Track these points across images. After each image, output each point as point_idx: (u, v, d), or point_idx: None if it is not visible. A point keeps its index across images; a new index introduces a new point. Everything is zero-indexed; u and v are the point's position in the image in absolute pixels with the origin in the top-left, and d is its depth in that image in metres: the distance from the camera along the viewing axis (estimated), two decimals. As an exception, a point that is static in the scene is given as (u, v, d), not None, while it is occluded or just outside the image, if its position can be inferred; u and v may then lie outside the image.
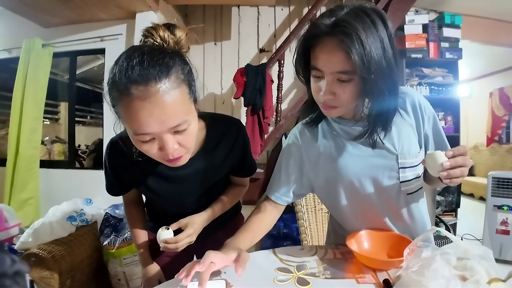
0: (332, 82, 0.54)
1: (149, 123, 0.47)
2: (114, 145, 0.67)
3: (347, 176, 0.64)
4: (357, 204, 0.67)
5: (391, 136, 0.62)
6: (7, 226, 1.75)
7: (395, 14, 2.26)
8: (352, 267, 0.61)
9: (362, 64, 0.49)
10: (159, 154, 0.52)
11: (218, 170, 0.72)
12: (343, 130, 0.65)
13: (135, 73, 0.46)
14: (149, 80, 0.46)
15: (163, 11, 2.03)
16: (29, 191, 1.99)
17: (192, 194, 0.71)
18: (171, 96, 0.47)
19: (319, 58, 0.53)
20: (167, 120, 0.48)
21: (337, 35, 0.50)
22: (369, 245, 0.67)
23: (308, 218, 1.15)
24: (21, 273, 0.28)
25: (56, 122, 2.67)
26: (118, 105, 0.49)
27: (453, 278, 0.45)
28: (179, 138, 0.52)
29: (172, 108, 0.48)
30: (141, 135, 0.49)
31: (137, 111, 0.46)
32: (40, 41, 2.02)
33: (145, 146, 0.51)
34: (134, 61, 0.47)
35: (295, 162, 0.70)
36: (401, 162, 0.62)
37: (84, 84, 2.51)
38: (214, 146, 0.68)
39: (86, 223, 1.75)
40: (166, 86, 0.47)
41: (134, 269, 1.68)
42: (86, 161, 2.42)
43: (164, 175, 0.67)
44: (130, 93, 0.46)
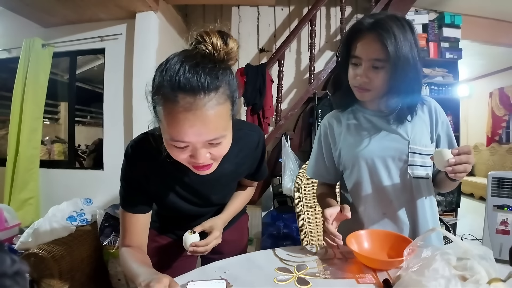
0: (368, 68, 0.67)
1: (188, 134, 0.47)
2: (135, 147, 0.63)
3: (363, 155, 0.74)
4: (370, 183, 0.75)
5: (405, 126, 0.73)
6: (7, 226, 1.75)
7: (395, 14, 2.26)
8: (352, 267, 0.61)
9: (394, 53, 0.63)
10: (189, 160, 0.53)
11: (238, 175, 0.74)
12: (366, 117, 0.77)
13: (185, 82, 0.46)
14: (199, 92, 0.46)
15: (163, 11, 2.04)
16: (29, 191, 1.99)
17: (209, 197, 0.72)
18: (215, 112, 0.48)
19: (359, 48, 0.67)
20: (206, 134, 0.48)
21: (376, 30, 0.64)
22: (369, 245, 0.67)
23: (308, 218, 1.15)
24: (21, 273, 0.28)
25: (56, 122, 2.67)
26: (160, 108, 0.49)
27: (453, 278, 0.45)
28: (212, 150, 0.52)
29: (213, 123, 0.48)
30: (177, 142, 0.49)
31: (179, 120, 0.46)
32: (40, 41, 2.02)
33: (177, 151, 0.51)
34: (186, 67, 0.47)
35: (325, 143, 0.82)
36: (411, 147, 0.72)
37: (84, 84, 2.51)
38: (236, 152, 0.67)
39: (86, 223, 1.75)
40: (213, 101, 0.47)
41: (134, 269, 1.68)
42: (86, 161, 2.42)
43: (187, 179, 0.66)
44: (176, 101, 0.46)
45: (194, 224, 0.72)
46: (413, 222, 0.74)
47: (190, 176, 0.65)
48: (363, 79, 0.68)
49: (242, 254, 0.68)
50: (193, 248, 0.63)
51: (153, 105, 0.51)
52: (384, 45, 0.63)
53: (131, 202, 0.64)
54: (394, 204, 0.74)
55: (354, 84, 0.71)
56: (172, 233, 0.79)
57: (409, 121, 0.72)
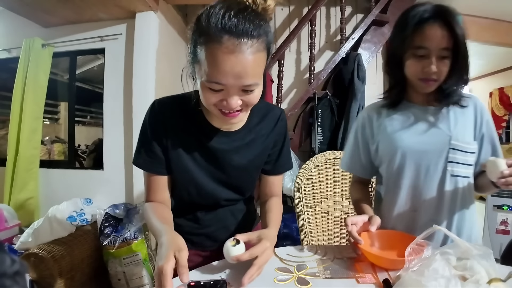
0: (437, 58, 0.65)
1: (227, 75, 0.49)
2: (163, 104, 0.65)
3: (401, 148, 0.72)
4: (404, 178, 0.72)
5: (448, 120, 0.71)
6: (7, 226, 1.75)
7: (395, 14, 2.26)
8: (352, 267, 0.62)
9: (461, 41, 0.63)
10: (220, 105, 0.54)
11: (258, 151, 0.68)
12: (408, 110, 0.74)
13: (231, 24, 0.47)
14: (243, 35, 0.48)
15: (163, 11, 2.03)
16: (29, 191, 1.99)
17: (227, 170, 0.67)
18: (255, 57, 0.49)
19: (426, 38, 0.64)
20: (244, 77, 0.50)
21: (442, 18, 0.63)
22: (378, 245, 0.67)
23: (308, 218, 1.15)
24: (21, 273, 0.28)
25: (56, 122, 2.67)
26: (202, 48, 0.50)
27: (453, 278, 0.45)
28: (244, 97, 0.53)
29: (252, 68, 0.50)
30: (214, 83, 0.50)
31: (221, 60, 0.48)
32: (40, 41, 2.01)
33: (210, 94, 0.52)
34: (232, 12, 0.48)
35: (362, 136, 0.80)
36: (452, 143, 0.69)
37: (84, 84, 2.50)
38: (256, 123, 0.68)
39: (86, 223, 1.75)
40: (254, 47, 0.49)
41: (134, 269, 1.68)
42: (86, 161, 2.41)
43: (208, 144, 0.64)
44: (221, 41, 0.47)
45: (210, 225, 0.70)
46: (447, 223, 0.71)
47: (212, 141, 0.64)
48: (432, 70, 0.65)
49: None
50: (235, 262, 0.53)
51: (194, 44, 0.52)
52: (450, 34, 0.62)
53: (148, 162, 0.64)
54: (427, 202, 0.71)
55: (420, 76, 0.67)
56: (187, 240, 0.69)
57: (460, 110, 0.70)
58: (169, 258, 0.46)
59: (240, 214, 0.75)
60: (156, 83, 1.96)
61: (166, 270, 0.45)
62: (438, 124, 0.71)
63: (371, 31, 2.26)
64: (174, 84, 2.35)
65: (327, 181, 1.17)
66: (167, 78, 2.19)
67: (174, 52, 2.32)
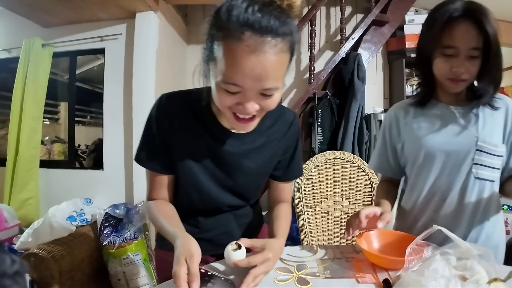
0: (466, 57, 0.63)
1: (246, 77, 0.44)
2: (171, 99, 0.60)
3: (426, 147, 0.70)
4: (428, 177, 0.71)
5: (477, 121, 0.68)
6: (7, 226, 1.75)
7: (395, 14, 2.26)
8: (352, 267, 0.62)
9: (492, 40, 0.60)
10: (235, 108, 0.49)
11: (268, 156, 0.65)
12: (436, 110, 0.73)
13: (255, 19, 0.42)
14: (266, 34, 0.43)
15: (163, 11, 2.03)
16: (29, 191, 1.99)
17: (234, 175, 0.64)
18: (278, 58, 0.45)
19: (455, 37, 0.62)
20: (264, 80, 0.45)
21: (473, 16, 0.60)
22: (379, 245, 0.67)
23: (308, 218, 1.15)
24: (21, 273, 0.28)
25: (56, 122, 2.66)
26: (220, 44, 0.44)
27: (453, 278, 0.45)
28: (262, 102, 0.48)
29: (274, 71, 0.45)
30: (230, 85, 0.45)
31: (240, 59, 0.43)
32: (40, 41, 2.01)
33: (225, 96, 0.47)
34: (256, 5, 0.43)
35: (390, 135, 0.79)
36: (479, 145, 0.67)
37: (84, 84, 2.50)
38: (268, 127, 0.64)
39: (86, 223, 1.75)
40: (278, 47, 0.44)
41: (134, 269, 1.68)
42: (86, 161, 2.41)
43: (216, 146, 0.61)
44: (241, 38, 0.42)
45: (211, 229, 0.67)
46: (468, 226, 0.69)
47: (221, 143, 0.60)
48: (460, 70, 0.63)
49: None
50: (234, 266, 0.51)
51: (210, 40, 0.47)
52: (481, 33, 0.60)
53: (150, 160, 0.62)
54: (448, 203, 0.70)
55: (448, 76, 0.65)
56: None
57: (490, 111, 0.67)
58: (181, 263, 0.46)
59: (244, 218, 0.72)
60: (156, 83, 1.96)
61: (179, 274, 0.45)
62: (465, 124, 0.69)
63: (371, 31, 2.26)
64: (174, 84, 2.35)
65: (327, 181, 1.18)
66: (167, 78, 2.19)
67: (174, 52, 2.32)
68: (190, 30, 2.64)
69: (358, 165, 1.04)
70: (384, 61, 2.59)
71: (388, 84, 2.60)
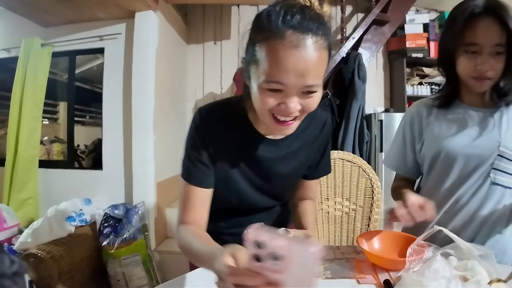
0: (490, 54, 0.61)
1: (289, 73, 0.45)
2: (211, 112, 0.61)
3: (445, 149, 0.69)
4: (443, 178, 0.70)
5: (500, 126, 0.66)
6: (6, 226, 1.74)
7: (395, 14, 2.26)
8: (353, 267, 0.61)
9: None
10: (277, 109, 0.49)
11: (303, 159, 0.67)
12: (459, 111, 0.71)
13: (294, 20, 0.45)
14: (307, 31, 0.45)
15: (162, 10, 2.03)
16: (28, 191, 1.99)
17: (271, 179, 0.66)
18: (319, 54, 0.46)
19: (477, 34, 0.61)
20: (307, 76, 0.46)
21: (495, 12, 0.60)
22: (381, 246, 0.66)
23: (308, 218, 1.15)
24: (20, 274, 0.27)
25: (55, 122, 2.66)
26: (262, 45, 0.47)
27: (454, 279, 0.45)
28: (304, 101, 0.49)
29: (316, 67, 0.47)
30: (273, 83, 0.46)
31: (283, 56, 0.45)
32: (39, 40, 2.01)
33: (267, 96, 0.48)
34: (294, 10, 0.46)
35: (411, 132, 0.77)
36: (501, 150, 0.65)
37: (83, 84, 2.50)
38: (302, 129, 0.64)
39: (85, 223, 1.75)
40: (319, 43, 0.46)
41: (133, 269, 1.68)
42: (85, 161, 2.41)
43: (251, 153, 0.62)
44: (283, 36, 0.44)
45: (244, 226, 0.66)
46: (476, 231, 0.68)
47: (259, 149, 0.62)
48: (485, 68, 0.61)
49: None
50: None
51: (251, 45, 0.49)
52: (504, 28, 0.59)
53: (196, 173, 0.60)
54: (459, 206, 0.69)
55: (472, 74, 0.64)
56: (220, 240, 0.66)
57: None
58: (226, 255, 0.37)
59: (275, 215, 0.74)
60: (156, 82, 1.95)
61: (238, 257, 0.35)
62: (488, 128, 0.67)
63: (371, 31, 2.26)
64: (174, 84, 2.35)
65: (327, 181, 1.17)
66: (167, 78, 2.18)
67: (173, 52, 2.32)
68: (190, 30, 2.64)
69: (359, 165, 1.04)
70: (385, 60, 2.59)
71: (388, 84, 2.60)
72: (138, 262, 1.68)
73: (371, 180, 1.02)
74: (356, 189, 1.05)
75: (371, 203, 1.03)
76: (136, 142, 1.92)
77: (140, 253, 1.68)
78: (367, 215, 1.04)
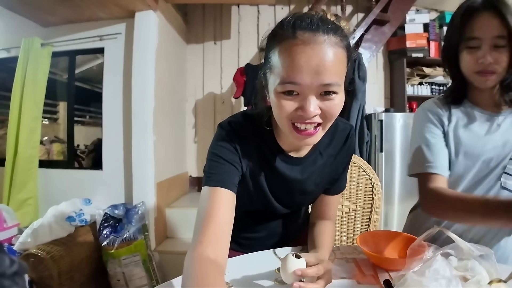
0: (491, 47, 0.60)
1: (303, 71, 0.44)
2: (238, 124, 0.58)
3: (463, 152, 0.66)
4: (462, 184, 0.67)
5: None
6: (6, 226, 1.74)
7: (395, 13, 2.26)
8: (353, 268, 0.61)
9: None
10: (295, 115, 0.47)
11: (326, 173, 0.65)
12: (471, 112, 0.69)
13: (304, 23, 0.45)
14: (317, 30, 0.45)
15: (162, 10, 2.03)
16: (28, 191, 1.99)
17: (293, 196, 0.65)
18: (334, 51, 0.45)
19: (477, 28, 0.61)
20: (323, 73, 0.44)
21: (493, 5, 0.59)
22: (379, 245, 0.66)
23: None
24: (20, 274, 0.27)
25: (55, 121, 2.66)
26: (274, 50, 0.47)
27: (454, 279, 0.45)
28: (323, 103, 0.47)
29: (331, 63, 0.44)
30: (289, 84, 0.45)
31: (296, 53, 0.44)
32: (39, 40, 2.01)
33: (283, 101, 0.46)
34: (304, 16, 0.47)
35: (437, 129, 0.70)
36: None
37: (83, 84, 2.50)
38: (326, 145, 0.63)
39: (85, 223, 1.75)
40: (332, 40, 0.45)
41: (133, 269, 1.68)
42: (85, 161, 2.41)
43: (276, 170, 0.61)
44: (295, 36, 0.45)
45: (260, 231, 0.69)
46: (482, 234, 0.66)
47: (284, 168, 0.61)
48: (487, 60, 0.60)
49: (243, 255, 0.68)
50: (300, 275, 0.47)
51: (268, 50, 0.49)
52: (505, 21, 0.58)
53: (226, 177, 0.53)
54: None
55: (475, 69, 0.62)
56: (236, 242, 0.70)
57: None
58: None
59: (291, 221, 0.74)
60: (156, 82, 1.95)
61: None
62: (503, 131, 0.65)
63: (371, 30, 2.26)
64: (174, 84, 2.35)
65: (327, 181, 1.17)
66: (167, 78, 2.18)
67: (173, 52, 2.32)
68: (189, 30, 2.64)
69: (359, 165, 1.04)
70: (385, 60, 2.59)
71: (389, 84, 2.60)
72: (138, 262, 1.68)
73: (371, 180, 1.02)
74: (356, 189, 1.04)
75: (371, 203, 1.03)
76: (136, 142, 1.92)
77: (140, 253, 1.68)
78: (367, 215, 1.04)
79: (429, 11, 2.50)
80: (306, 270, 0.47)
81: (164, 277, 1.82)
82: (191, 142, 2.66)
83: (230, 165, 0.55)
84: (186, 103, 2.63)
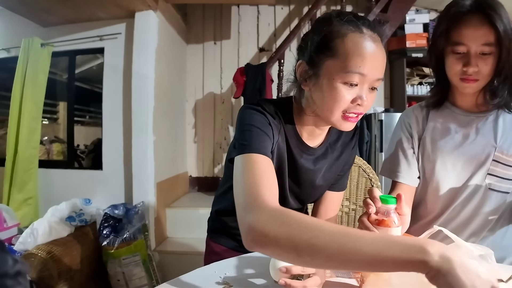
0: (477, 54, 0.60)
1: (369, 64, 0.49)
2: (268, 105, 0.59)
3: (441, 153, 0.68)
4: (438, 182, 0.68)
5: (496, 129, 0.65)
6: (6, 226, 1.74)
7: (395, 13, 2.26)
8: (352, 267, 0.61)
9: (504, 35, 0.57)
10: (348, 105, 0.52)
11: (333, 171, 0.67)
12: (453, 115, 0.69)
13: (366, 23, 0.51)
14: (377, 31, 0.52)
15: (162, 10, 2.03)
16: (28, 191, 1.98)
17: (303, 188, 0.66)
18: (384, 53, 0.52)
19: (464, 34, 0.60)
20: (380, 69, 0.51)
21: (482, 11, 0.58)
22: None
23: (308, 218, 1.14)
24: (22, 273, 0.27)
25: (55, 121, 2.66)
26: (344, 38, 0.50)
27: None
28: (369, 96, 0.52)
29: (384, 63, 0.52)
30: (355, 74, 0.49)
31: (367, 47, 0.49)
32: (39, 40, 2.00)
33: (343, 92, 0.50)
34: (359, 16, 0.53)
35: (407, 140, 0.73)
36: (496, 155, 0.64)
37: (83, 84, 2.49)
38: (335, 138, 0.66)
39: (85, 223, 1.75)
40: (384, 42, 0.53)
41: (133, 269, 1.68)
42: (85, 161, 2.40)
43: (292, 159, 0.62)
44: (362, 31, 0.50)
45: None
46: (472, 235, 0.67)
47: (298, 156, 0.62)
48: (472, 68, 0.59)
49: (243, 255, 0.68)
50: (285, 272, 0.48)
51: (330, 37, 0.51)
52: (493, 28, 0.57)
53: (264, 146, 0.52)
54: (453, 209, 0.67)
55: (458, 75, 0.63)
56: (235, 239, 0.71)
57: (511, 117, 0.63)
58: None
59: None
60: (155, 82, 1.96)
61: None
62: (485, 132, 0.65)
63: (371, 31, 2.25)
64: (173, 84, 2.35)
65: (327, 181, 1.17)
66: (166, 78, 2.18)
67: (173, 52, 2.32)
68: (189, 30, 2.64)
69: (359, 165, 1.04)
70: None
71: (388, 84, 2.60)
72: (138, 262, 1.68)
73: (371, 180, 1.02)
74: (356, 189, 1.04)
75: (371, 203, 1.03)
76: (136, 142, 1.92)
77: (140, 253, 1.68)
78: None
79: (429, 11, 2.50)
80: (290, 267, 0.47)
81: (164, 277, 1.82)
82: (191, 142, 2.66)
83: (266, 135, 0.55)
84: (186, 103, 2.63)
